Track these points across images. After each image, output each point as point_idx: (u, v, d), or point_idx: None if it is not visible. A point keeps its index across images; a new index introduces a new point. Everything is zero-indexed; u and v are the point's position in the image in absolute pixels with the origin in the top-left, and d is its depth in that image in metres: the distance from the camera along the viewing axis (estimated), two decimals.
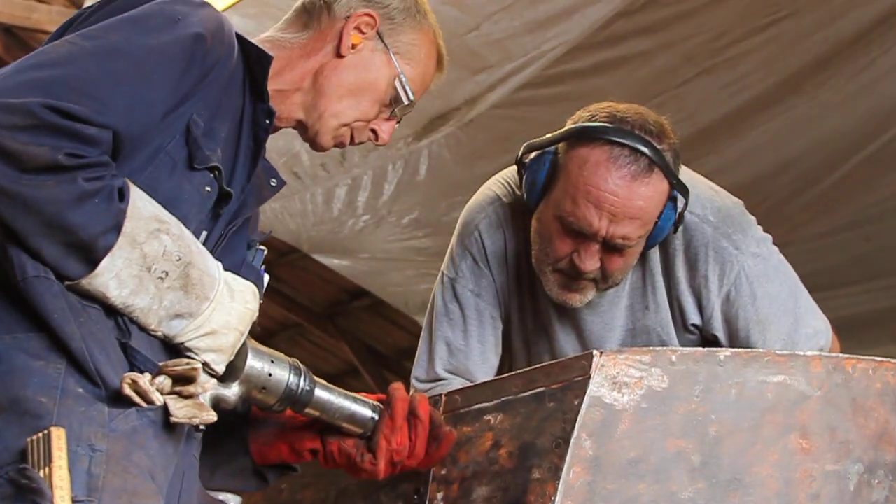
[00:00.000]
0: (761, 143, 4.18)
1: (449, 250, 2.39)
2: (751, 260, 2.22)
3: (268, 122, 1.76)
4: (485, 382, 1.94)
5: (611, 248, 2.11)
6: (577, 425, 1.70)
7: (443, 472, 1.83)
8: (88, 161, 1.48)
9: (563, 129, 2.15)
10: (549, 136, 2.16)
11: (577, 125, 2.13)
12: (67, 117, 1.47)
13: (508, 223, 2.32)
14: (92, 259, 1.50)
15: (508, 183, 2.33)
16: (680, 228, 2.21)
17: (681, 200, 2.14)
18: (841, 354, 1.88)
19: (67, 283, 1.50)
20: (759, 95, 4.01)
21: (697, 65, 3.93)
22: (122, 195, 1.53)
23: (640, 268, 2.27)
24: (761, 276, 2.23)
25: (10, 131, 1.44)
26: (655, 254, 2.26)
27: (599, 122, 2.10)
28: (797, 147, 4.17)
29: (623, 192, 2.05)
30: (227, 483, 1.89)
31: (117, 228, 1.50)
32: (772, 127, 4.11)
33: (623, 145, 2.06)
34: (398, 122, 1.91)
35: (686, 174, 2.25)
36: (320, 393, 1.74)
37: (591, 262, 2.11)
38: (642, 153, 2.05)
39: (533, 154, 2.18)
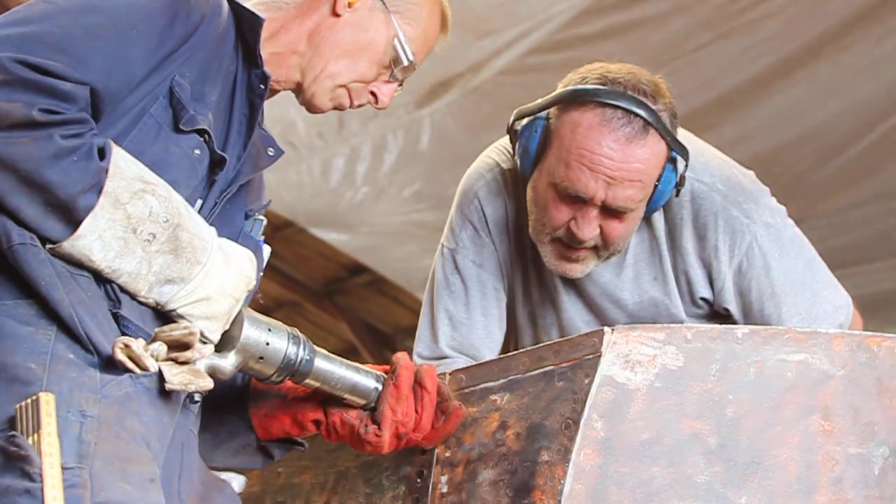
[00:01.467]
0: (782, 112, 4.11)
1: (448, 220, 2.36)
2: (763, 230, 2.17)
3: (262, 87, 1.74)
4: (491, 361, 1.91)
5: (610, 213, 2.07)
6: (587, 405, 1.67)
7: (447, 454, 1.80)
8: (65, 118, 1.46)
9: (553, 94, 2.11)
10: (539, 101, 2.12)
11: (567, 88, 2.09)
12: (41, 72, 1.45)
13: (509, 190, 2.28)
14: (72, 219, 1.48)
15: (507, 150, 2.29)
16: (688, 199, 2.17)
17: (681, 162, 2.10)
18: (865, 332, 1.84)
19: (50, 246, 1.48)
20: (780, 61, 3.94)
21: (714, 29, 3.86)
22: (103, 154, 1.51)
23: (646, 238, 2.23)
24: (775, 247, 2.18)
25: None
26: (661, 223, 2.21)
27: (591, 84, 2.05)
28: (820, 115, 4.11)
29: (618, 156, 2.01)
30: (231, 461, 1.87)
31: (98, 187, 1.48)
32: (793, 94, 4.04)
33: (616, 107, 2.02)
34: (400, 85, 1.88)
35: (693, 143, 2.20)
36: (321, 363, 1.71)
37: (589, 230, 2.07)
38: (636, 114, 2.01)
39: (524, 121, 2.14)
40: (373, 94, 1.84)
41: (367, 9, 1.80)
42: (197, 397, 1.59)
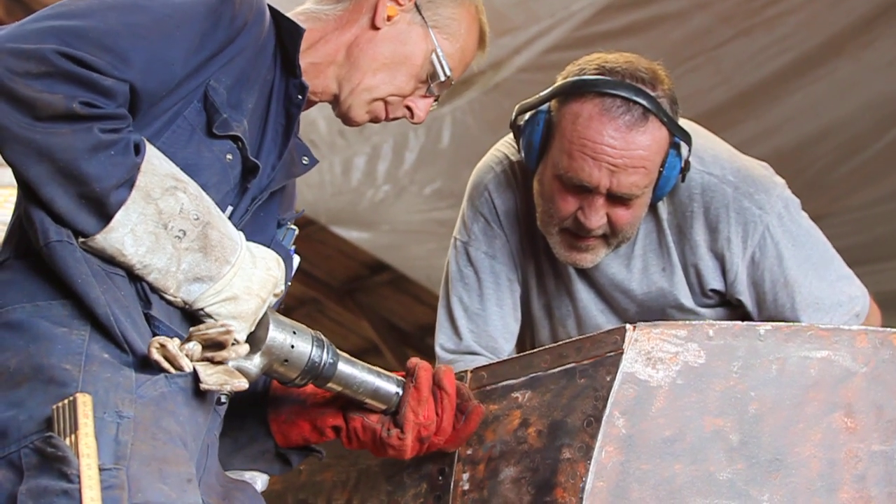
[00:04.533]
0: (803, 108, 4.08)
1: (460, 214, 2.38)
2: (776, 220, 2.18)
3: (300, 97, 1.74)
4: (512, 358, 1.90)
5: (616, 200, 2.08)
6: (609, 403, 1.66)
7: (468, 451, 1.80)
8: (105, 112, 1.47)
9: (553, 86, 2.13)
10: (540, 94, 2.14)
11: (566, 80, 2.11)
12: (83, 66, 1.46)
13: (519, 182, 2.30)
14: (104, 213, 1.49)
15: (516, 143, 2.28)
16: (699, 192, 2.18)
17: (684, 148, 2.11)
18: (888, 329, 1.82)
19: (82, 240, 1.49)
20: (801, 57, 3.91)
21: (735, 25, 3.84)
22: (139, 150, 1.51)
23: (654, 230, 2.23)
24: (788, 237, 2.19)
25: (23, 78, 1.43)
26: (669, 215, 2.21)
27: (589, 74, 2.07)
28: (841, 112, 4.07)
29: (620, 144, 2.03)
30: (250, 466, 1.86)
31: (130, 183, 1.50)
32: (814, 91, 4.01)
33: (615, 96, 2.03)
34: (436, 99, 1.88)
35: (703, 136, 2.22)
36: (343, 367, 1.70)
37: (595, 218, 2.08)
38: (635, 102, 2.03)
39: (526, 115, 2.16)
40: (409, 108, 1.85)
41: (405, 23, 1.81)
42: (224, 399, 1.59)
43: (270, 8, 1.74)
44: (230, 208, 1.67)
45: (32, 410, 1.41)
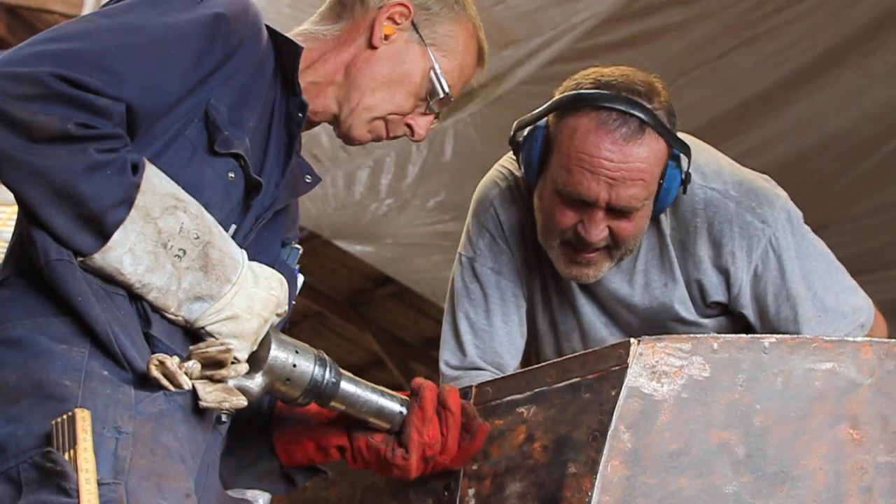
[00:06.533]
0: (805, 118, 4.08)
1: (465, 230, 2.38)
2: (779, 233, 2.18)
3: (300, 115, 1.75)
4: (517, 373, 1.90)
5: (617, 213, 2.09)
6: (614, 417, 1.66)
7: (474, 467, 1.80)
8: (100, 133, 1.47)
9: (550, 102, 2.14)
10: (537, 110, 2.15)
11: (563, 95, 2.12)
12: (78, 87, 1.46)
13: (523, 198, 2.30)
14: (102, 232, 1.49)
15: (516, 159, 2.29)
16: (702, 207, 2.18)
17: (684, 160, 2.11)
18: (893, 340, 1.82)
19: (80, 258, 1.49)
20: (803, 67, 3.92)
21: (737, 35, 3.84)
22: (136, 169, 1.52)
23: (656, 245, 2.24)
24: (791, 250, 2.19)
25: (19, 101, 1.43)
26: (671, 230, 2.22)
27: (585, 89, 2.08)
28: (843, 121, 4.07)
29: (617, 157, 2.03)
30: (255, 486, 1.87)
31: (129, 202, 1.50)
32: (816, 100, 4.01)
33: (611, 109, 2.04)
34: (436, 117, 1.89)
35: (705, 151, 2.22)
36: (346, 386, 1.70)
37: (596, 232, 2.09)
38: (631, 115, 2.04)
39: (525, 131, 2.17)
40: (409, 126, 1.86)
41: (403, 41, 1.82)
42: (224, 418, 1.59)
43: (268, 27, 1.74)
44: (233, 227, 1.67)
45: (31, 426, 1.41)
